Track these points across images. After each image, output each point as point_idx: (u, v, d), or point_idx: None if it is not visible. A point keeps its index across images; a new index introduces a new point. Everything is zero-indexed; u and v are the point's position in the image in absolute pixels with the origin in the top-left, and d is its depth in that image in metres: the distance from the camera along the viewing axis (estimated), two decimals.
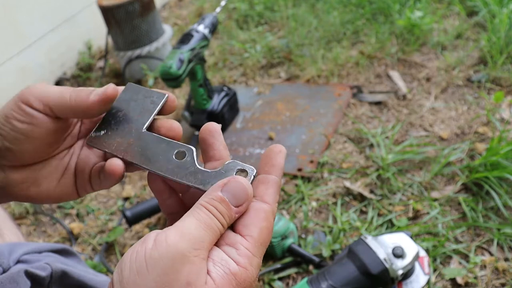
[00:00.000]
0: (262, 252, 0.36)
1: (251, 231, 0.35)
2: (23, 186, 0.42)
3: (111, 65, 1.99)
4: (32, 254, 0.62)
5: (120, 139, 0.42)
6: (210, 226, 0.34)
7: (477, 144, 1.22)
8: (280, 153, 0.39)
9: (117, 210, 1.31)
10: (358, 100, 1.50)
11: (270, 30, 2.02)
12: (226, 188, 0.36)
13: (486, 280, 0.93)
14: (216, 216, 0.34)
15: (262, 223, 0.36)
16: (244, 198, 0.36)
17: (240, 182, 0.36)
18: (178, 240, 0.32)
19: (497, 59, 1.48)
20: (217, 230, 0.34)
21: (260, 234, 0.35)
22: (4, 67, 1.69)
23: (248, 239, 0.35)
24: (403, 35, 1.73)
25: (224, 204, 0.35)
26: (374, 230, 1.07)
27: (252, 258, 0.34)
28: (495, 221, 1.03)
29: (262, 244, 0.36)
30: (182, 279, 0.31)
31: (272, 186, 0.38)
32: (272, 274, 1.02)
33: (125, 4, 1.67)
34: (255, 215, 0.36)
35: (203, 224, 0.34)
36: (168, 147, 0.40)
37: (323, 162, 1.27)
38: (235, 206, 0.35)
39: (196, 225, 0.33)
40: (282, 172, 0.39)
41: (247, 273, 0.34)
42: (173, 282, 0.31)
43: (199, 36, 1.32)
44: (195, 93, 1.40)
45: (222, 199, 0.35)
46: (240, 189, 0.36)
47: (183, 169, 0.39)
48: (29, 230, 1.30)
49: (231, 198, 0.35)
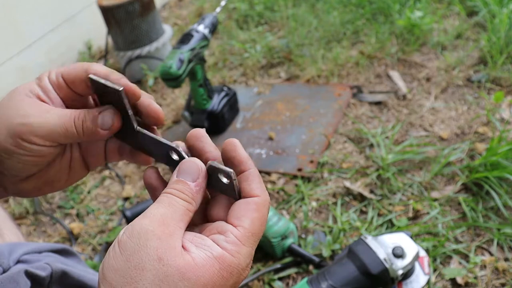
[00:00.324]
0: (253, 242, 0.36)
1: (242, 221, 0.36)
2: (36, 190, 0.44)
3: (111, 65, 1.99)
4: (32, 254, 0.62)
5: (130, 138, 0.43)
6: (170, 203, 0.35)
7: (477, 144, 1.22)
8: (236, 146, 0.39)
9: (117, 210, 1.31)
10: (358, 100, 1.50)
11: (270, 30, 2.02)
12: (179, 171, 0.38)
13: (486, 280, 0.93)
14: (174, 194, 0.36)
15: (253, 214, 0.36)
16: (196, 171, 0.37)
17: (188, 161, 0.38)
18: (141, 220, 0.34)
19: (497, 59, 1.48)
20: (179, 206, 0.35)
21: (251, 225, 0.36)
22: (4, 67, 1.69)
23: (239, 229, 0.36)
24: (403, 35, 1.73)
25: (180, 183, 0.37)
26: (374, 230, 1.07)
27: (240, 246, 0.35)
28: (495, 221, 1.03)
29: (254, 235, 0.36)
30: (152, 254, 0.32)
31: (253, 180, 0.38)
32: (272, 274, 1.02)
33: (125, 4, 1.67)
34: (246, 207, 0.37)
35: (163, 204, 0.35)
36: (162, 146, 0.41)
37: (323, 162, 1.27)
38: (191, 181, 0.37)
39: (157, 206, 0.35)
40: (251, 161, 0.39)
41: (233, 260, 0.34)
42: (144, 258, 0.32)
43: (199, 36, 1.32)
44: (195, 93, 1.40)
45: (177, 181, 0.37)
46: (189, 166, 0.38)
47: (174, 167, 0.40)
48: (29, 230, 1.30)
49: (185, 176, 0.37)
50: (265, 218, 0.38)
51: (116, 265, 0.32)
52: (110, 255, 0.33)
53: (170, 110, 1.64)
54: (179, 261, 0.32)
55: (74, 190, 1.40)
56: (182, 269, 0.32)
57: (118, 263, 0.32)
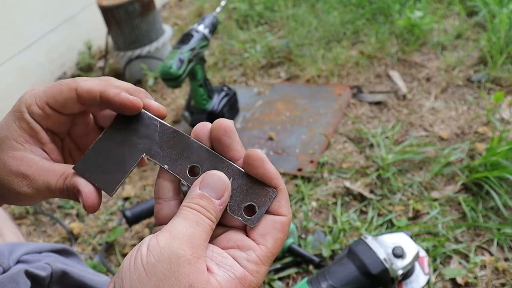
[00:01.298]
0: (271, 261, 0.36)
1: (267, 241, 0.35)
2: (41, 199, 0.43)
3: (111, 65, 1.99)
4: (32, 254, 0.62)
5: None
6: (197, 222, 0.34)
7: (477, 144, 1.22)
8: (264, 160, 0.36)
9: (117, 210, 1.31)
10: (358, 100, 1.50)
11: (270, 30, 2.02)
12: (203, 184, 0.36)
13: (486, 280, 0.93)
14: (201, 212, 0.34)
15: (278, 234, 0.36)
16: (223, 188, 0.36)
17: (215, 174, 0.36)
18: (170, 242, 0.32)
19: (497, 59, 1.48)
20: (206, 225, 0.34)
21: (274, 245, 0.35)
22: (4, 67, 1.69)
23: (262, 248, 0.35)
24: (403, 35, 1.73)
25: (205, 199, 0.35)
26: (374, 230, 1.07)
27: (261, 266, 0.34)
28: (495, 221, 1.03)
29: (274, 255, 0.36)
30: (183, 281, 0.31)
31: (282, 197, 0.37)
32: (272, 274, 1.02)
33: (125, 4, 1.67)
34: (273, 225, 0.36)
35: (190, 222, 0.34)
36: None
37: (323, 162, 1.27)
38: (216, 198, 0.35)
39: (184, 223, 0.34)
40: (280, 177, 0.38)
41: (253, 279, 0.34)
42: (175, 285, 0.31)
43: (199, 36, 1.32)
44: (195, 93, 1.40)
45: (201, 195, 0.35)
46: (216, 181, 0.36)
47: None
48: (29, 230, 1.30)
49: (209, 192, 0.35)
50: (285, 238, 0.37)
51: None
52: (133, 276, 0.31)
53: (170, 110, 1.64)
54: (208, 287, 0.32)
55: None
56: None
57: (145, 287, 0.31)
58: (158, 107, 0.41)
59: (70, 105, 0.39)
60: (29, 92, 0.39)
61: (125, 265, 0.32)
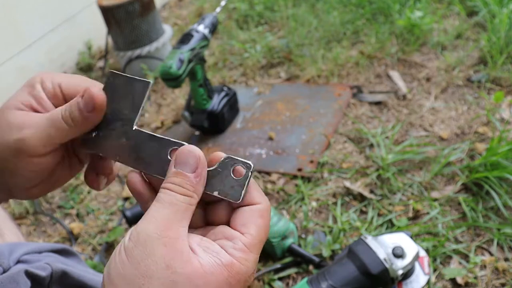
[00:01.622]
0: (259, 249, 0.36)
1: (249, 228, 0.36)
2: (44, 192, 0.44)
3: (111, 65, 1.99)
4: (32, 254, 0.62)
5: (111, 141, 0.40)
6: (170, 203, 0.34)
7: (477, 144, 1.22)
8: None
9: (117, 210, 1.31)
10: (358, 100, 1.50)
11: (270, 30, 2.02)
12: (176, 161, 0.36)
13: (486, 280, 0.93)
14: (176, 190, 0.35)
15: (259, 221, 0.36)
16: (196, 161, 0.36)
17: (185, 149, 0.36)
18: (145, 226, 0.33)
19: (497, 59, 1.48)
20: (180, 203, 0.35)
21: (258, 232, 0.36)
22: (4, 67, 1.69)
23: (247, 236, 0.35)
24: (403, 35, 1.73)
25: (179, 175, 0.35)
26: (374, 230, 1.07)
27: (248, 254, 0.35)
28: (495, 221, 1.03)
29: (260, 242, 0.36)
30: (159, 262, 0.32)
31: (253, 187, 0.38)
32: (272, 274, 1.02)
33: (125, 4, 1.67)
34: (251, 214, 0.37)
35: (164, 203, 0.34)
36: (161, 145, 0.39)
37: (323, 162, 1.27)
38: (191, 172, 0.35)
39: (158, 206, 0.34)
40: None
41: (242, 267, 0.34)
42: (152, 266, 0.32)
43: (199, 36, 1.32)
44: (195, 93, 1.40)
45: (176, 173, 0.35)
46: (187, 155, 0.36)
47: None
48: (29, 230, 1.30)
49: (184, 167, 0.35)
50: (269, 224, 0.38)
51: (124, 272, 0.32)
52: (117, 261, 0.33)
53: (170, 110, 1.64)
54: (187, 268, 0.32)
55: (74, 190, 1.40)
56: (191, 276, 0.32)
57: (126, 271, 0.32)
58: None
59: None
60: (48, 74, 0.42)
61: (112, 254, 0.34)
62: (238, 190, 0.36)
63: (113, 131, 0.40)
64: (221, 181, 0.37)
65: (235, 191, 0.36)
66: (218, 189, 0.37)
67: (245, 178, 0.36)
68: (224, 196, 0.37)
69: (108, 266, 0.33)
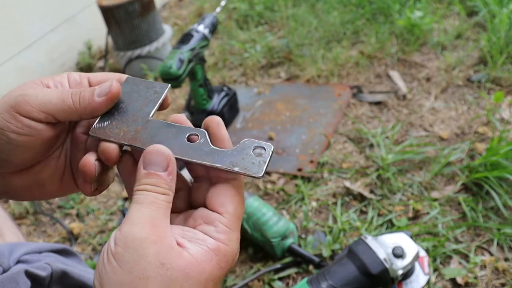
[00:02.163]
0: (238, 225, 0.37)
1: (227, 207, 0.36)
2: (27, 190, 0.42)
3: (111, 65, 1.99)
4: (32, 254, 0.62)
5: (126, 128, 0.40)
6: (151, 202, 0.34)
7: (477, 144, 1.22)
8: (220, 124, 0.38)
9: (117, 210, 1.31)
10: (358, 100, 1.50)
11: (270, 30, 2.02)
12: (146, 162, 0.36)
13: (486, 280, 0.93)
14: (152, 190, 0.35)
15: (234, 198, 0.37)
16: (165, 160, 0.36)
17: (152, 149, 0.36)
18: (129, 229, 0.33)
19: (497, 59, 1.48)
20: (160, 202, 0.35)
21: (235, 209, 0.36)
22: (4, 67, 1.69)
23: (225, 216, 0.36)
24: (403, 35, 1.73)
25: (152, 176, 0.35)
26: (374, 230, 1.07)
27: (230, 233, 0.35)
28: (495, 221, 1.03)
29: (238, 218, 0.37)
30: (153, 261, 0.32)
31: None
32: (272, 274, 1.02)
33: (125, 4, 1.67)
34: (227, 192, 0.37)
35: (144, 204, 0.34)
36: (179, 131, 0.39)
37: (323, 162, 1.27)
38: (163, 171, 0.35)
39: (139, 207, 0.34)
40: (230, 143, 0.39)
41: (227, 248, 0.35)
42: (147, 267, 0.31)
43: (199, 36, 1.32)
44: (195, 93, 1.40)
45: (148, 174, 0.35)
46: (156, 155, 0.36)
47: (198, 150, 0.38)
48: (29, 230, 1.30)
49: (154, 167, 0.35)
50: (243, 198, 0.38)
51: (118, 278, 0.31)
52: (107, 270, 0.32)
53: (170, 110, 1.64)
54: (181, 262, 0.32)
55: None
56: (186, 269, 0.32)
57: (120, 277, 0.31)
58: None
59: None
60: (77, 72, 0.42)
61: (100, 262, 0.33)
62: (259, 165, 0.37)
63: (127, 121, 0.41)
64: (242, 158, 0.37)
65: (257, 166, 0.37)
66: (238, 165, 0.37)
67: (266, 155, 0.37)
68: (244, 171, 0.37)
69: (98, 276, 0.32)
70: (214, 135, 0.38)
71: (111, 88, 0.39)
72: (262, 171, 0.36)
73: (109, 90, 0.39)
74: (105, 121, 0.41)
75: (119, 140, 0.39)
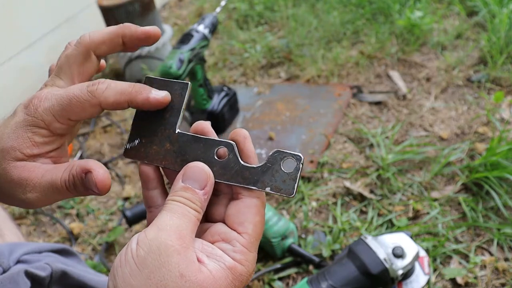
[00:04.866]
0: (257, 246, 0.37)
1: (246, 228, 0.36)
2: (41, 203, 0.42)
3: (111, 65, 1.99)
4: (32, 254, 0.62)
5: (156, 147, 0.40)
6: (183, 213, 0.34)
7: (477, 144, 1.22)
8: (247, 139, 0.38)
9: (117, 210, 1.31)
10: (358, 100, 1.50)
11: (270, 30, 2.02)
12: (185, 176, 0.36)
13: (486, 280, 0.93)
14: (185, 203, 0.35)
15: (255, 218, 0.37)
16: (205, 179, 0.36)
17: (196, 166, 0.37)
18: (157, 234, 0.32)
19: (497, 59, 1.48)
20: (191, 216, 0.35)
21: (254, 230, 0.36)
22: (4, 67, 1.69)
23: (244, 236, 0.36)
24: (403, 35, 1.73)
25: (189, 191, 0.36)
26: (374, 230, 1.07)
27: (247, 254, 0.35)
28: (495, 221, 1.03)
29: (257, 239, 0.36)
30: (174, 271, 0.31)
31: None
32: (272, 274, 1.02)
33: (125, 4, 1.67)
34: (248, 211, 0.37)
35: (176, 214, 0.34)
36: (206, 146, 0.38)
37: (323, 162, 1.27)
38: (199, 189, 0.36)
39: (170, 216, 0.34)
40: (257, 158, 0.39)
41: (243, 268, 0.35)
42: (166, 275, 0.31)
43: (199, 36, 1.32)
44: (195, 93, 1.40)
45: (185, 188, 0.36)
46: (198, 172, 0.36)
47: (228, 169, 0.37)
48: (29, 230, 1.30)
49: (192, 183, 0.36)
50: (264, 219, 0.38)
51: (135, 282, 0.31)
52: (125, 271, 0.32)
53: None
54: (200, 276, 0.32)
55: None
56: (203, 284, 0.32)
57: (138, 281, 0.31)
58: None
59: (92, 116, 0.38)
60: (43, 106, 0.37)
61: (116, 262, 0.33)
62: (290, 184, 0.36)
63: (155, 137, 0.40)
64: (272, 176, 0.36)
65: (287, 185, 0.36)
66: (270, 185, 0.36)
67: (296, 170, 0.36)
68: (277, 192, 0.36)
69: (113, 277, 0.32)
70: (241, 151, 0.38)
71: (97, 186, 0.37)
72: (294, 191, 0.36)
73: (95, 188, 0.37)
74: (136, 140, 0.40)
75: (153, 162, 0.39)
